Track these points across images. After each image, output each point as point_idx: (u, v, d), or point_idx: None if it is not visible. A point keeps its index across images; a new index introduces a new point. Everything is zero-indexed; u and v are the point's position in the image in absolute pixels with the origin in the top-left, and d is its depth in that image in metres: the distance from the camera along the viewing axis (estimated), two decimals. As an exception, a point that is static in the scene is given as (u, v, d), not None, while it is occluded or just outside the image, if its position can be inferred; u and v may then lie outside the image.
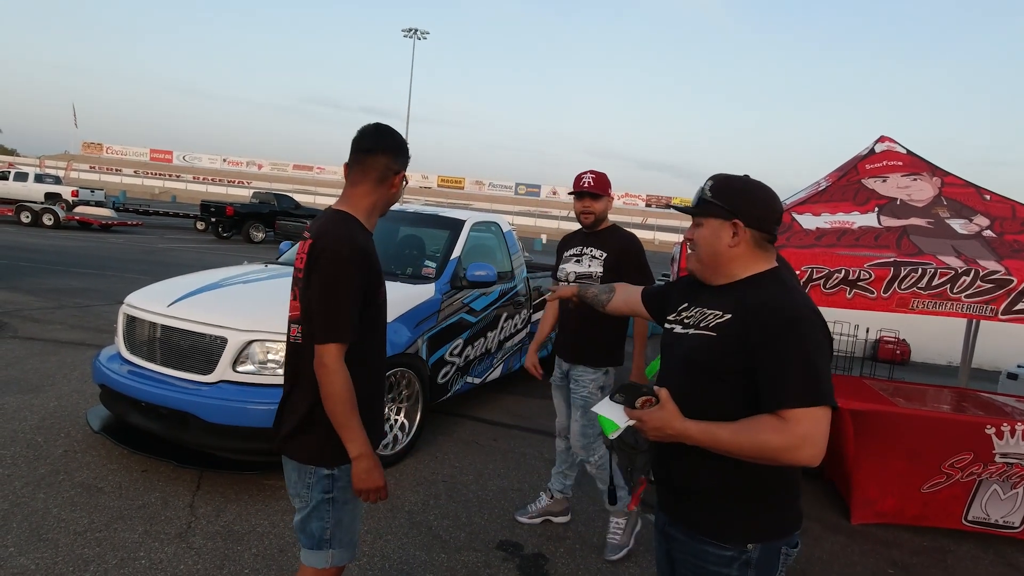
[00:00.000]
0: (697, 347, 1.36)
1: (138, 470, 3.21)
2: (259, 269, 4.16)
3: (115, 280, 9.17)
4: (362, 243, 1.57)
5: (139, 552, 2.51)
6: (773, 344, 1.24)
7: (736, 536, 1.32)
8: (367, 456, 1.54)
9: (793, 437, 1.18)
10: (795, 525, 1.37)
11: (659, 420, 1.27)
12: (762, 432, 1.20)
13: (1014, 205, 3.86)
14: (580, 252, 2.87)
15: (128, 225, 18.82)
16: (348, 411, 1.52)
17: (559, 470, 3.12)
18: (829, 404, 1.20)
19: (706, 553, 1.34)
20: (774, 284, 1.34)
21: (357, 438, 1.53)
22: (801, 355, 1.22)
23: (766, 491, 1.33)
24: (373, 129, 1.68)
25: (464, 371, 4.36)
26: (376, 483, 1.56)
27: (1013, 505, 3.20)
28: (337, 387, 1.51)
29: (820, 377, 1.21)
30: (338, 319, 1.52)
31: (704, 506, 1.36)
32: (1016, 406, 3.64)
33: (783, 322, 1.25)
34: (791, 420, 1.19)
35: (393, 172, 1.66)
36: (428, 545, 2.78)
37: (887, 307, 3.30)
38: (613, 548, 2.85)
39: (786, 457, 1.19)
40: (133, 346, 3.38)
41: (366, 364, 1.64)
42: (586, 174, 2.88)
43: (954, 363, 7.91)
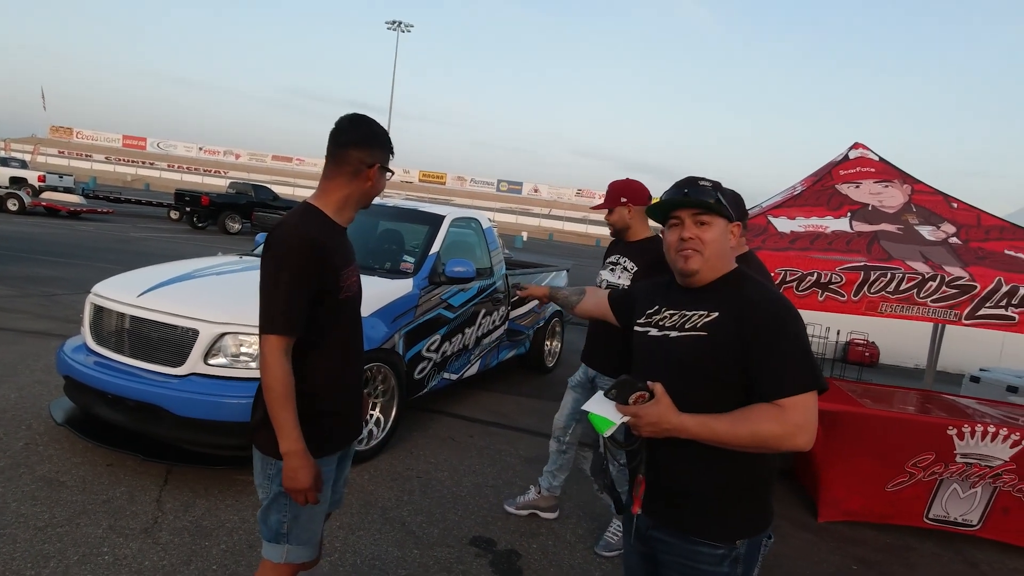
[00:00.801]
0: (688, 349, 1.37)
1: (103, 464, 3.13)
2: (233, 260, 4.09)
3: (83, 269, 8.91)
4: (313, 235, 1.54)
5: (102, 548, 2.45)
6: (770, 336, 1.28)
7: (727, 534, 1.35)
8: (295, 454, 1.50)
9: (790, 425, 1.22)
10: (772, 517, 1.43)
11: (655, 415, 1.26)
12: (759, 421, 1.23)
13: (979, 213, 3.98)
14: (616, 261, 2.87)
15: (98, 212, 18.29)
16: (279, 405, 1.49)
17: (549, 469, 3.14)
18: (818, 388, 1.26)
19: (698, 553, 1.35)
20: (749, 281, 1.40)
21: (287, 435, 1.50)
22: (796, 345, 1.27)
23: (752, 488, 1.37)
24: (348, 121, 1.64)
25: (441, 367, 4.34)
26: (302, 484, 1.51)
27: (972, 504, 3.31)
28: (269, 380, 1.49)
29: (813, 363, 1.27)
30: (276, 311, 1.50)
31: (696, 507, 1.37)
32: (977, 408, 3.76)
33: (776, 315, 1.30)
34: (787, 408, 1.23)
35: (367, 165, 1.62)
36: (401, 541, 2.77)
37: (857, 310, 3.38)
38: (607, 545, 2.87)
39: (783, 444, 1.23)
40: (100, 337, 3.29)
41: (329, 359, 1.62)
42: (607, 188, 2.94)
43: (921, 366, 8.14)
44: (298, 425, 1.51)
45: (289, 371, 1.51)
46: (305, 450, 1.52)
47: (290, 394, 1.50)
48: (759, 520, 1.39)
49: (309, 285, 1.52)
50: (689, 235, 1.39)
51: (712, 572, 1.35)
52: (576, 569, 2.73)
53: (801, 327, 1.30)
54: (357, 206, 1.69)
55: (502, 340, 5.23)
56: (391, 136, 1.70)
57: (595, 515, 3.27)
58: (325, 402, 1.63)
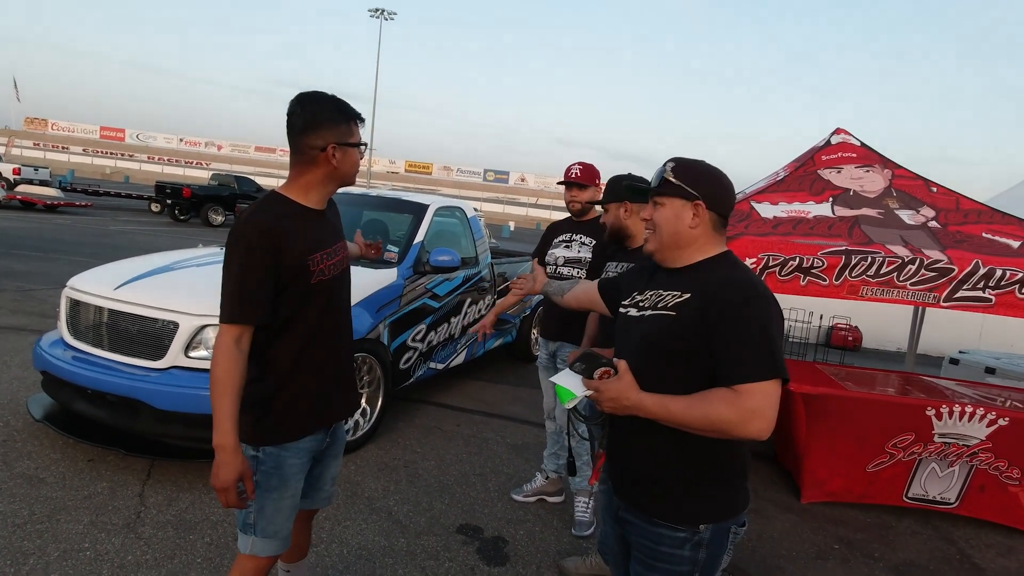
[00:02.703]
0: (655, 328, 1.37)
1: (83, 460, 3.08)
2: (213, 252, 4.02)
3: (61, 263, 8.74)
4: (266, 223, 1.49)
5: (83, 543, 2.41)
6: (731, 320, 1.26)
7: (689, 518, 1.35)
8: (224, 449, 1.45)
9: (743, 410, 1.20)
10: (744, 505, 1.41)
11: (615, 391, 1.27)
12: (714, 405, 1.22)
13: (958, 198, 4.02)
14: (570, 238, 2.95)
15: (76, 206, 17.93)
16: (217, 395, 1.46)
17: (551, 451, 3.16)
18: (782, 377, 1.24)
19: (660, 535, 1.37)
20: (730, 265, 1.38)
21: (219, 426, 1.45)
22: (758, 330, 1.24)
23: (717, 474, 1.36)
24: (293, 105, 1.56)
25: (427, 357, 4.33)
26: (221, 482, 1.45)
27: (949, 482, 3.38)
28: (213, 368, 1.47)
29: (775, 351, 1.24)
30: (226, 300, 1.48)
31: (659, 491, 1.38)
32: (956, 389, 3.83)
33: (741, 299, 1.27)
34: (743, 393, 1.21)
35: (319, 149, 1.55)
36: (388, 531, 2.77)
37: (838, 294, 3.41)
38: (582, 525, 2.91)
39: (736, 430, 1.21)
40: (77, 331, 3.23)
41: (296, 344, 1.59)
42: (574, 165, 2.96)
43: (903, 349, 8.28)
44: (233, 418, 1.46)
45: (236, 361, 1.47)
46: (235, 446, 1.46)
47: (232, 385, 1.46)
48: (725, 506, 1.37)
49: (261, 273, 1.48)
50: (646, 216, 1.45)
51: (673, 555, 1.36)
52: (563, 554, 2.75)
53: (768, 314, 1.26)
54: (327, 187, 1.63)
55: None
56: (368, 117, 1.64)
57: (582, 501, 3.29)
58: (292, 386, 1.59)
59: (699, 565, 1.36)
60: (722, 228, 1.41)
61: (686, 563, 1.36)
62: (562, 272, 2.94)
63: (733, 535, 1.39)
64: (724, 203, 1.40)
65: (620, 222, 2.42)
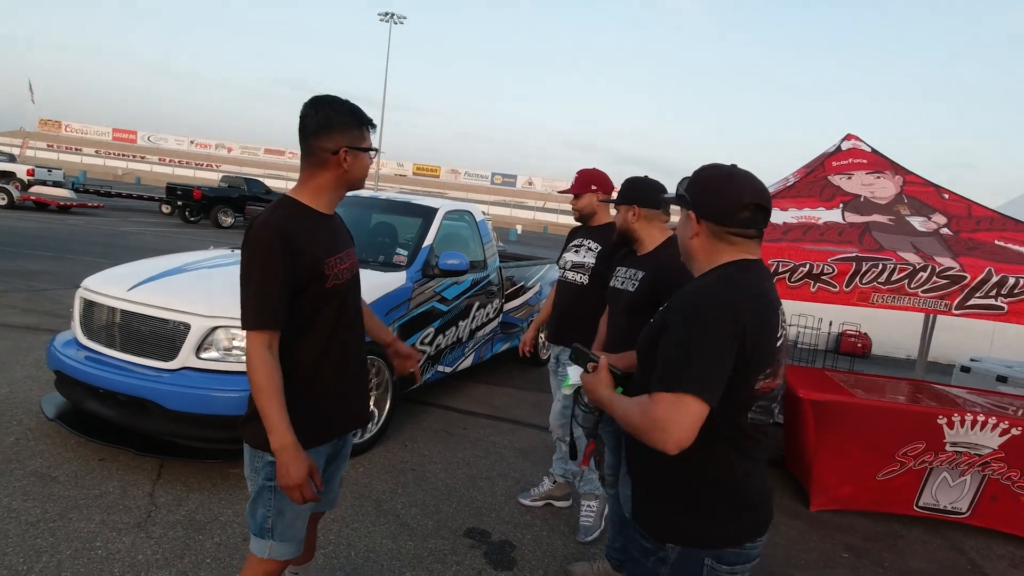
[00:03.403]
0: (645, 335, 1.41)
1: (95, 459, 3.11)
2: (225, 254, 4.06)
3: (73, 263, 8.84)
4: (281, 227, 1.51)
5: (95, 542, 2.44)
6: (665, 329, 1.27)
7: (655, 531, 1.33)
8: (285, 449, 1.48)
9: (647, 418, 1.20)
10: (728, 541, 1.30)
11: (590, 384, 1.42)
12: (633, 408, 1.25)
13: (970, 204, 4.00)
14: (580, 244, 2.99)
15: (88, 207, 18.12)
16: (264, 401, 1.48)
17: (559, 456, 3.17)
18: (691, 393, 1.17)
19: (634, 539, 1.39)
20: (708, 276, 1.33)
21: (274, 429, 1.48)
22: (679, 343, 1.21)
23: (693, 496, 1.30)
24: (306, 108, 1.58)
25: (435, 360, 4.34)
26: (294, 480, 1.48)
27: (961, 492, 3.35)
28: (252, 375, 1.49)
29: (686, 365, 1.18)
30: (249, 306, 1.50)
31: (638, 496, 1.39)
32: (967, 398, 3.79)
33: (680, 311, 1.27)
34: (653, 401, 1.21)
35: (331, 152, 1.56)
36: (395, 533, 2.77)
37: (848, 300, 3.39)
38: (585, 530, 2.91)
39: (642, 436, 1.22)
40: (91, 331, 3.27)
41: (312, 349, 1.60)
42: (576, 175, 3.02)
43: (913, 356, 8.21)
44: (286, 419, 1.49)
45: (272, 365, 1.49)
46: (295, 444, 1.50)
47: (274, 388, 1.49)
48: (698, 532, 1.29)
49: (281, 277, 1.49)
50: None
51: (638, 560, 1.37)
52: (570, 559, 2.75)
53: (696, 328, 1.21)
54: (338, 191, 1.65)
55: (496, 333, 5.23)
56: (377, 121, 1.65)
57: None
58: (310, 393, 1.61)
59: None
60: (733, 238, 1.31)
61: (648, 574, 1.35)
62: (567, 276, 2.97)
63: (709, 569, 1.29)
64: (721, 214, 1.30)
65: (628, 225, 2.39)
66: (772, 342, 1.27)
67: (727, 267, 1.32)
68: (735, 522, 1.30)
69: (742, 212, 1.30)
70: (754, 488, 1.33)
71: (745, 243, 1.32)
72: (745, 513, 1.32)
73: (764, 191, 1.33)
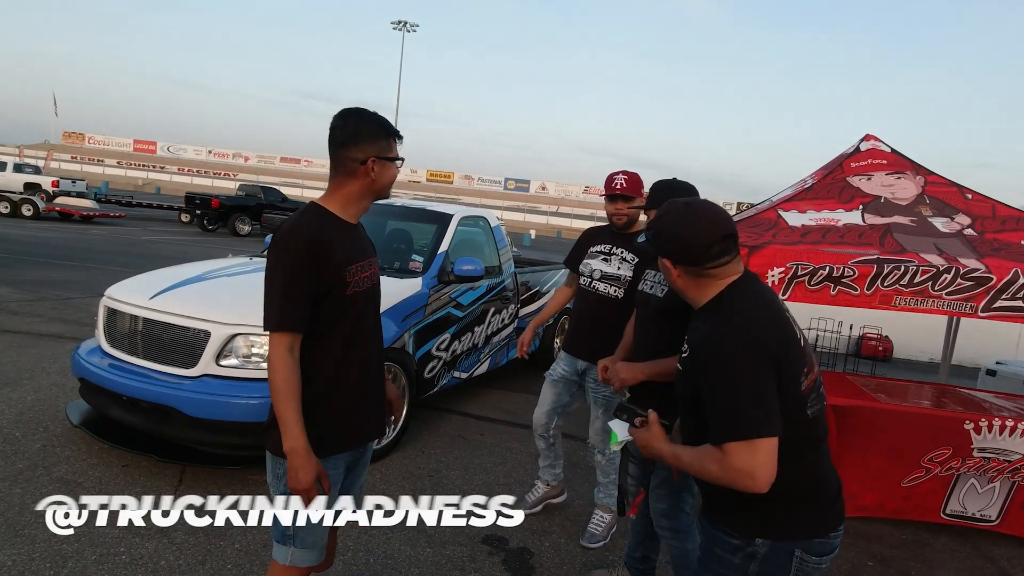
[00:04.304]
0: (678, 382, 1.47)
1: (119, 465, 3.16)
2: (243, 262, 4.11)
3: (96, 272, 9.02)
4: (309, 233, 1.54)
5: (119, 548, 2.47)
6: (704, 381, 1.32)
7: (744, 528, 1.38)
8: (296, 452, 1.50)
9: (730, 470, 1.25)
10: (814, 532, 1.37)
11: (643, 440, 1.47)
12: (707, 462, 1.30)
13: (994, 204, 3.92)
14: (610, 251, 2.79)
15: (110, 217, 18.52)
16: (281, 402, 1.51)
17: (547, 463, 3.15)
18: (760, 436, 1.23)
19: (716, 538, 1.42)
20: (711, 315, 1.38)
21: (288, 431, 1.51)
22: (724, 393, 1.27)
23: (778, 492, 1.31)
24: (337, 119, 1.63)
25: (451, 366, 4.35)
26: (302, 484, 1.51)
27: (990, 499, 3.27)
28: (271, 376, 1.51)
29: (745, 412, 1.25)
30: (273, 308, 1.52)
31: (719, 500, 1.42)
32: (994, 402, 3.70)
33: (708, 361, 1.32)
34: (727, 453, 1.26)
35: (359, 162, 1.60)
36: (413, 539, 2.78)
37: (870, 304, 3.33)
38: (591, 536, 2.89)
39: (732, 485, 1.27)
40: (114, 339, 3.33)
41: (332, 356, 1.62)
42: (618, 175, 2.77)
43: (935, 359, 8.05)
44: (301, 422, 1.52)
45: (292, 367, 1.52)
46: (307, 448, 1.52)
47: (292, 391, 1.51)
48: (784, 525, 1.36)
49: (307, 282, 1.52)
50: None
51: (723, 558, 1.40)
52: (589, 566, 2.73)
53: (734, 372, 1.26)
54: (364, 201, 1.68)
55: (512, 338, 5.23)
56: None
57: (607, 512, 3.26)
58: (328, 400, 1.63)
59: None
60: (709, 272, 1.38)
61: (735, 570, 1.39)
62: (597, 287, 2.78)
63: (799, 560, 1.36)
64: (690, 257, 1.38)
65: (637, 213, 2.35)
66: (798, 346, 1.35)
67: (722, 299, 1.39)
68: (820, 512, 1.38)
69: (711, 249, 1.37)
70: (829, 477, 1.42)
71: (726, 269, 1.40)
72: (828, 502, 1.39)
73: (726, 220, 1.40)
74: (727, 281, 1.40)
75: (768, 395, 1.26)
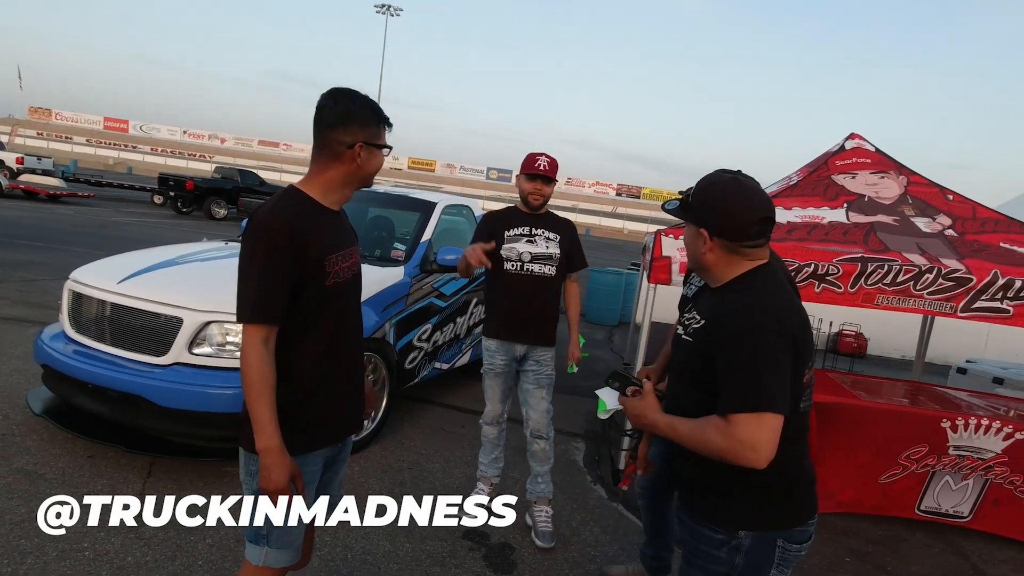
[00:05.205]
0: (684, 352, 1.46)
1: (83, 455, 3.03)
2: (218, 246, 3.97)
3: (63, 254, 8.69)
4: (286, 219, 1.45)
5: (83, 543, 2.36)
6: (721, 352, 1.30)
7: (727, 522, 1.39)
8: (269, 451, 1.42)
9: (733, 440, 1.23)
10: (795, 520, 1.40)
11: (637, 409, 1.42)
12: (709, 432, 1.27)
13: (975, 206, 3.97)
14: (531, 233, 2.82)
15: (78, 196, 17.91)
16: (253, 398, 1.42)
17: (493, 456, 3.08)
18: (770, 410, 1.23)
19: (700, 534, 1.42)
20: (740, 291, 1.37)
21: (261, 429, 1.42)
22: (742, 363, 1.26)
23: (759, 484, 1.35)
24: (325, 98, 1.53)
25: (432, 356, 4.27)
26: (274, 485, 1.43)
27: (963, 496, 3.33)
28: (244, 370, 1.43)
29: (761, 384, 1.24)
30: (247, 299, 1.43)
31: (701, 492, 1.43)
32: (968, 400, 3.77)
33: (731, 332, 1.30)
34: (733, 424, 1.24)
35: (346, 146, 1.51)
36: (392, 534, 2.71)
37: (853, 302, 3.35)
38: (545, 535, 2.80)
39: (729, 458, 1.25)
40: (79, 325, 3.18)
41: (311, 349, 1.54)
42: (541, 156, 2.82)
43: (907, 356, 8.23)
44: (275, 420, 1.43)
45: (266, 361, 1.43)
46: (281, 447, 1.44)
47: (266, 386, 1.43)
48: (768, 516, 1.38)
49: (283, 271, 1.44)
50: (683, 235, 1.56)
51: (710, 554, 1.41)
52: (570, 562, 2.70)
53: (759, 344, 1.26)
54: (347, 188, 1.59)
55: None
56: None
57: (588, 507, 3.24)
58: (306, 396, 1.55)
59: (736, 569, 1.39)
60: (745, 249, 1.38)
61: (722, 564, 1.40)
62: (532, 269, 2.78)
63: (781, 549, 1.38)
64: (733, 231, 1.35)
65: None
66: (810, 341, 1.37)
67: (753, 278, 1.39)
68: (799, 502, 1.41)
69: (752, 228, 1.37)
70: (807, 468, 1.45)
71: (757, 251, 1.40)
72: (806, 492, 1.42)
73: (770, 202, 1.40)
74: (755, 264, 1.39)
75: (784, 373, 1.27)
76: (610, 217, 39.17)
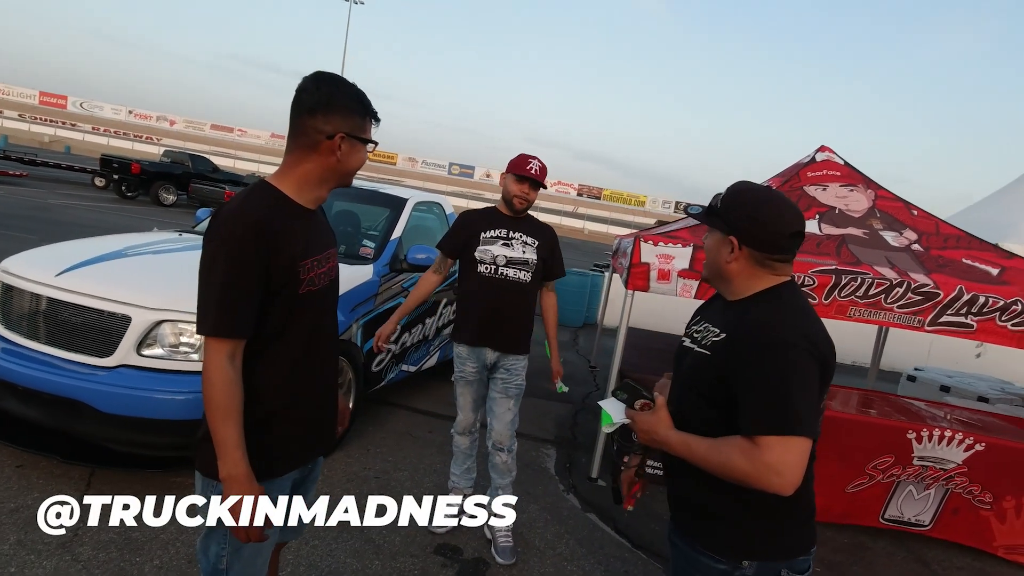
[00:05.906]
0: (695, 365, 1.35)
1: (11, 466, 2.74)
2: (172, 238, 3.69)
3: (-9, 238, 8.01)
4: (257, 219, 1.28)
5: (9, 567, 2.11)
6: (746, 368, 1.22)
7: (731, 551, 1.31)
8: (235, 480, 1.26)
9: (760, 464, 1.16)
10: (800, 549, 1.33)
11: (648, 424, 1.33)
12: (733, 454, 1.20)
13: (937, 222, 4.09)
14: (508, 236, 2.71)
15: (9, 175, 16.63)
16: (219, 421, 1.25)
17: (465, 466, 2.96)
18: (800, 434, 1.17)
19: (700, 563, 1.34)
20: (768, 304, 1.30)
21: (227, 456, 1.25)
22: (771, 382, 1.19)
23: (765, 510, 1.28)
24: (307, 81, 1.36)
25: (400, 358, 4.11)
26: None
27: (925, 505, 3.41)
28: (206, 389, 1.26)
29: (790, 405, 1.17)
30: (211, 309, 1.26)
31: (703, 518, 1.35)
32: (928, 411, 3.89)
33: (758, 346, 1.22)
34: (760, 447, 1.17)
35: (326, 136, 1.34)
36: (359, 551, 2.56)
37: (826, 313, 3.38)
38: (505, 551, 2.69)
39: (752, 483, 1.18)
40: (10, 321, 2.87)
41: (282, 363, 1.38)
42: (533, 159, 2.71)
43: (858, 363, 8.53)
44: (242, 445, 1.26)
45: (232, 380, 1.26)
46: (248, 475, 1.27)
47: (233, 407, 1.26)
48: (773, 545, 1.31)
49: (253, 277, 1.27)
50: (701, 242, 1.50)
51: None
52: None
53: (788, 364, 1.19)
54: (324, 185, 1.42)
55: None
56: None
57: (562, 518, 3.16)
58: (275, 414, 1.38)
59: None
60: (773, 263, 1.32)
61: None
62: (506, 273, 2.67)
63: None
64: (766, 242, 1.29)
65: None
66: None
67: (782, 292, 1.31)
68: (802, 529, 1.35)
69: (783, 240, 1.31)
70: (811, 495, 1.37)
71: (784, 266, 1.34)
72: (809, 519, 1.37)
73: (803, 216, 1.34)
74: (778, 279, 1.33)
75: (814, 396, 1.20)
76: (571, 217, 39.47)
